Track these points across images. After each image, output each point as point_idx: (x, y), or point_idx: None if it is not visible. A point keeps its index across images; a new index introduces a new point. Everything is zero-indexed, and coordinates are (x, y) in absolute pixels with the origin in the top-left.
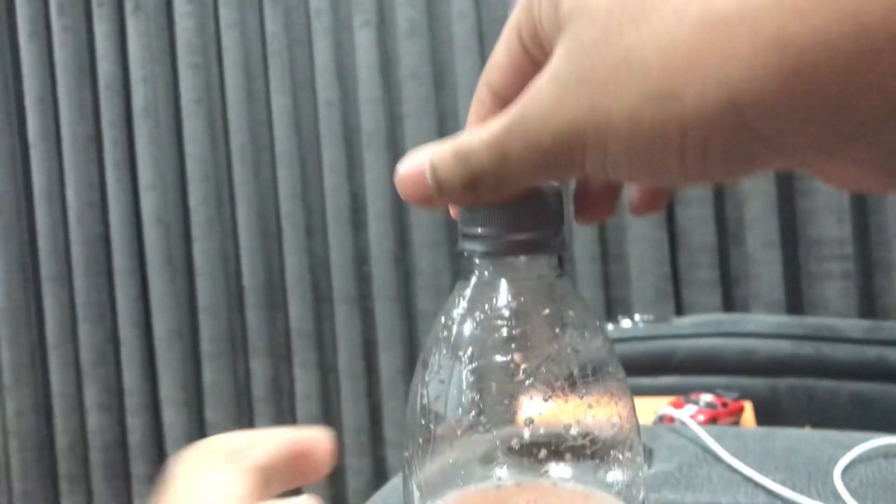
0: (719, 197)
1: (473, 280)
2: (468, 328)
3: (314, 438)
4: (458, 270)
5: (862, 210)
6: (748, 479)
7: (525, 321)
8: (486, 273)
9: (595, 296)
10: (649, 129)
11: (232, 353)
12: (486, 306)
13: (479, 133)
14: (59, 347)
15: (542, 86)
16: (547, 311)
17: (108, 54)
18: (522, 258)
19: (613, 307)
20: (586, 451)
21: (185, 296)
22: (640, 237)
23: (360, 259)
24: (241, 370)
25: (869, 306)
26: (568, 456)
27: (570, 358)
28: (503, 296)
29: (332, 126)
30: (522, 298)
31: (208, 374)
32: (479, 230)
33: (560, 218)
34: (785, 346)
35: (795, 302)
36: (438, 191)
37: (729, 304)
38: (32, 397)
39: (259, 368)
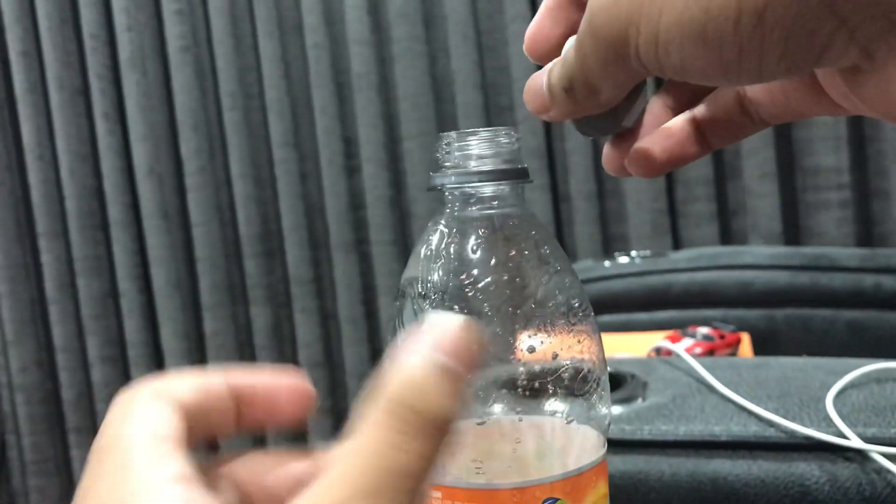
0: None
1: (445, 216)
2: (440, 268)
3: (265, 383)
4: None
5: (859, 138)
6: (741, 408)
7: (494, 259)
8: (456, 207)
9: (592, 232)
10: None
11: (232, 303)
12: (459, 243)
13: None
14: (59, 302)
15: None
16: (516, 249)
17: (92, 3)
18: (488, 189)
19: (611, 243)
20: (560, 386)
21: (182, 247)
22: None
23: (356, 204)
24: (242, 319)
25: (866, 235)
26: (545, 391)
27: (539, 296)
28: (475, 231)
29: (321, 70)
30: (494, 233)
31: (209, 324)
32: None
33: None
34: (781, 277)
35: (793, 233)
36: (550, 97)
37: (726, 238)
38: (36, 352)
39: (259, 316)
